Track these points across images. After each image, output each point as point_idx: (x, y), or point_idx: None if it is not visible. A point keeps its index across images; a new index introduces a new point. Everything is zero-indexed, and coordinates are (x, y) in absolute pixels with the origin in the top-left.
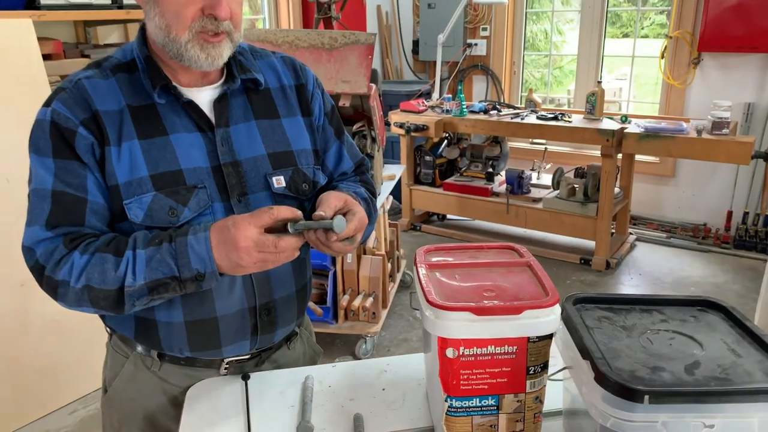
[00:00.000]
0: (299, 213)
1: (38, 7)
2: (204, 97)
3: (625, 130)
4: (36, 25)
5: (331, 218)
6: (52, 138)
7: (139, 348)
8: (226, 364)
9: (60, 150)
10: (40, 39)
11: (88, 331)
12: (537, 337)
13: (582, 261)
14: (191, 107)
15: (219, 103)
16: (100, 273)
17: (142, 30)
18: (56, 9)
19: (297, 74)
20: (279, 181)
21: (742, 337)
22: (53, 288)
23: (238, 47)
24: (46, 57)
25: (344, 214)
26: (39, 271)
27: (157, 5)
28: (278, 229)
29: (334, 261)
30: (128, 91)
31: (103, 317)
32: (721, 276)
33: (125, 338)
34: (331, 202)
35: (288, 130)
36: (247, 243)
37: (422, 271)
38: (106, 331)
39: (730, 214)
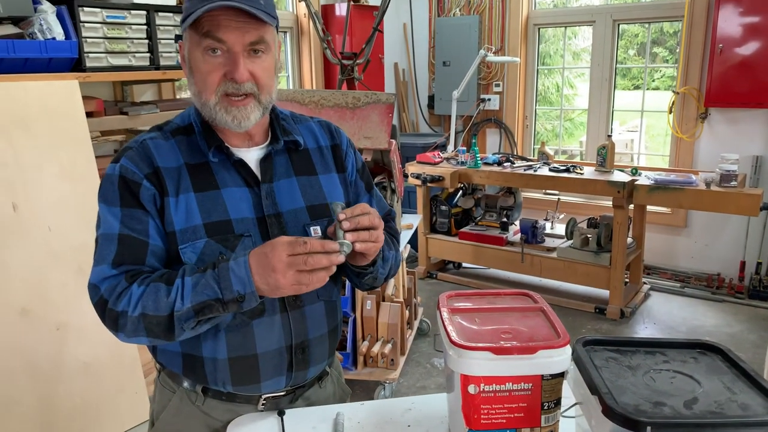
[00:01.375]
0: (331, 245)
1: (84, 70)
2: (252, 156)
3: (636, 182)
4: (80, 85)
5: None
6: (120, 189)
7: (186, 383)
8: (264, 400)
9: (127, 200)
10: (83, 98)
11: (115, 375)
12: (550, 375)
13: (597, 310)
14: (241, 165)
15: (264, 161)
16: (154, 300)
17: None
18: (100, 71)
19: (332, 136)
20: (316, 231)
21: (738, 377)
22: (114, 320)
23: (281, 113)
24: (88, 114)
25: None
26: (102, 305)
27: (193, 75)
28: None
29: (354, 308)
30: (186, 150)
31: (154, 354)
32: (736, 326)
33: (173, 374)
34: (365, 206)
35: (324, 185)
36: (282, 265)
37: (445, 314)
38: (156, 367)
39: (743, 264)
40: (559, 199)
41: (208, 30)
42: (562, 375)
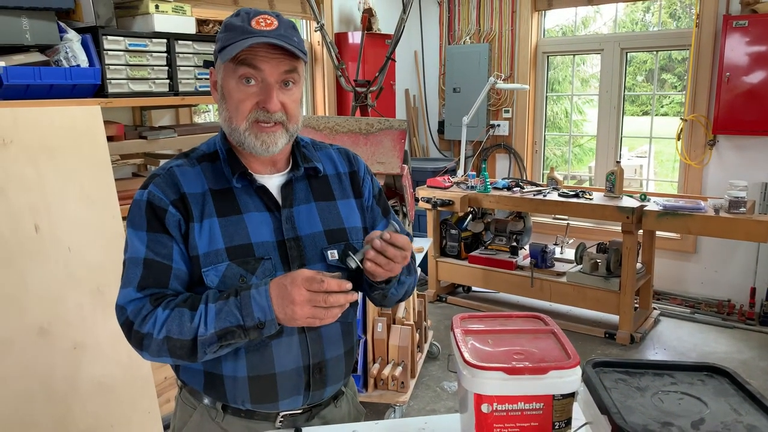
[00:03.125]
0: (346, 285)
1: (106, 95)
2: (273, 182)
3: (645, 208)
4: (102, 110)
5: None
6: (147, 215)
7: (206, 400)
8: (281, 417)
9: (153, 225)
10: (104, 122)
11: (129, 394)
12: (561, 395)
13: (606, 335)
14: (263, 191)
15: (285, 187)
16: (178, 325)
17: None
18: (121, 96)
19: (350, 162)
20: (333, 254)
21: (744, 399)
22: (139, 341)
23: (302, 141)
24: (109, 138)
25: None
26: (129, 326)
27: (225, 101)
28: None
29: (365, 330)
30: (211, 176)
31: (176, 371)
32: (746, 352)
33: (194, 391)
34: (376, 232)
35: (342, 211)
36: (302, 299)
37: (459, 335)
38: (177, 384)
39: (753, 290)
40: (568, 224)
41: (245, 58)
42: (572, 395)
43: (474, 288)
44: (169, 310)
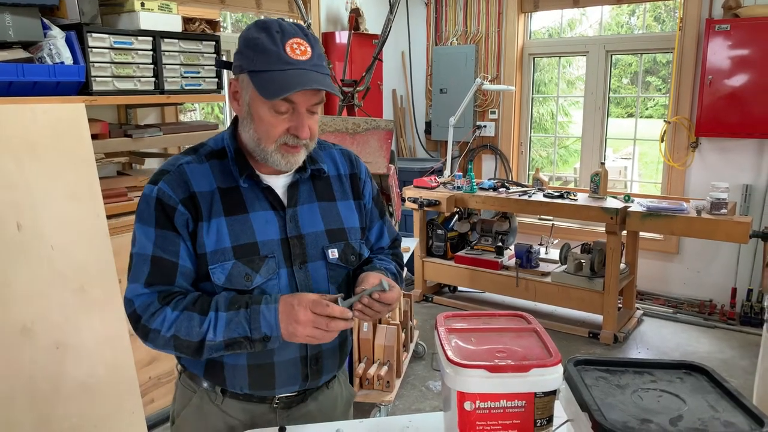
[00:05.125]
0: (347, 314)
1: (90, 93)
2: (279, 182)
3: (629, 209)
4: (86, 108)
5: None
6: (156, 211)
7: (205, 384)
8: (277, 399)
9: (161, 222)
10: (89, 120)
11: (113, 395)
12: (543, 392)
13: (590, 335)
14: (269, 191)
15: (291, 188)
16: (187, 327)
17: (234, 125)
18: (106, 94)
19: (352, 165)
20: (333, 253)
21: (722, 397)
22: (146, 333)
23: None
24: (93, 136)
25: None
26: (136, 319)
27: (253, 121)
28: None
29: (350, 330)
30: (219, 174)
31: (178, 357)
32: (728, 352)
33: (194, 376)
34: (370, 280)
35: (342, 211)
36: (306, 319)
37: (443, 334)
38: (177, 369)
39: (734, 290)
40: (553, 224)
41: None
42: (554, 393)
43: (460, 288)
44: (178, 312)
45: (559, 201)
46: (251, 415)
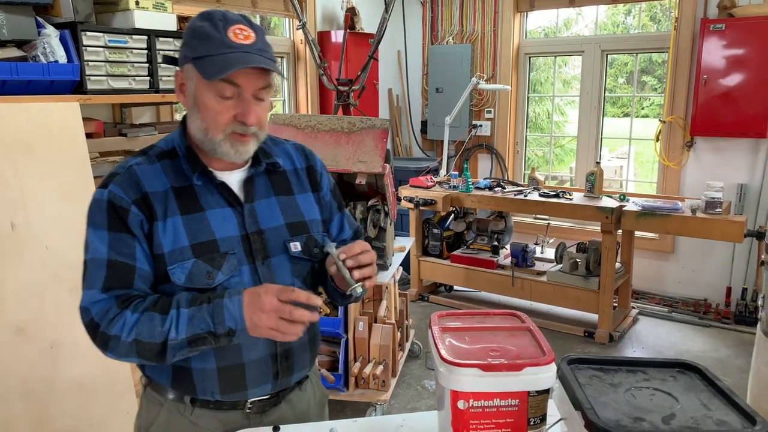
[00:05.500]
0: (315, 300)
1: (85, 92)
2: (234, 178)
3: (624, 208)
4: (81, 107)
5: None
6: (108, 214)
7: (172, 395)
8: (250, 404)
9: (114, 224)
10: (84, 119)
11: (108, 395)
12: (536, 391)
13: (586, 334)
14: (223, 187)
15: (246, 183)
16: (149, 329)
17: (183, 124)
18: (100, 93)
19: (307, 158)
20: (296, 246)
21: (714, 395)
22: (105, 341)
23: None
24: (88, 135)
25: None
26: (94, 327)
27: (199, 111)
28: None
29: (346, 329)
30: (171, 174)
31: (142, 368)
32: (723, 350)
33: (160, 387)
34: (361, 243)
35: (301, 204)
36: (270, 307)
37: (436, 333)
38: (142, 382)
39: (729, 290)
40: (548, 223)
41: (226, 76)
42: (547, 392)
43: (456, 287)
44: (138, 314)
45: (555, 200)
46: (223, 423)
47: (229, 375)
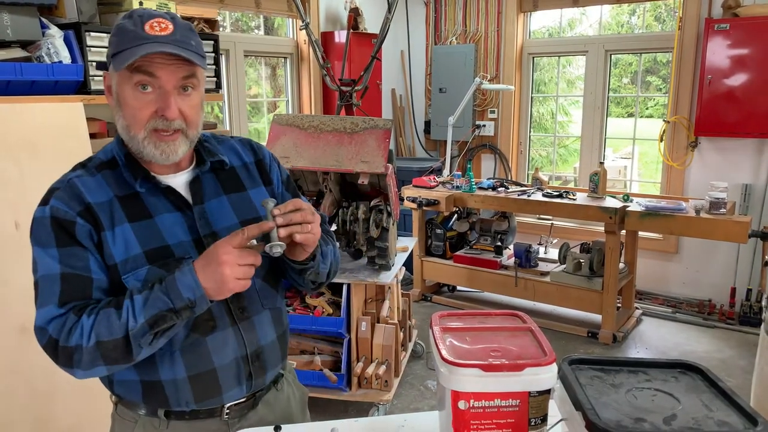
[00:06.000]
0: (267, 225)
1: (88, 92)
2: (179, 181)
3: (627, 209)
4: (85, 107)
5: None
6: (54, 230)
7: (144, 410)
8: (227, 409)
9: (62, 239)
10: (87, 119)
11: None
12: (537, 391)
13: (589, 334)
14: (169, 191)
15: (193, 184)
16: (107, 326)
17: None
18: (104, 94)
19: (255, 152)
20: (252, 244)
21: (716, 396)
22: (69, 356)
23: (203, 136)
24: (92, 135)
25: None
26: (53, 346)
27: (121, 108)
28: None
29: (349, 329)
30: (114, 184)
31: (110, 387)
32: (726, 351)
33: (130, 404)
34: (298, 201)
35: (254, 199)
36: (228, 257)
37: (437, 333)
38: (112, 400)
39: (733, 290)
40: (552, 224)
41: (140, 65)
42: (548, 392)
43: (459, 287)
44: (94, 315)
45: (558, 200)
46: None
47: (201, 382)
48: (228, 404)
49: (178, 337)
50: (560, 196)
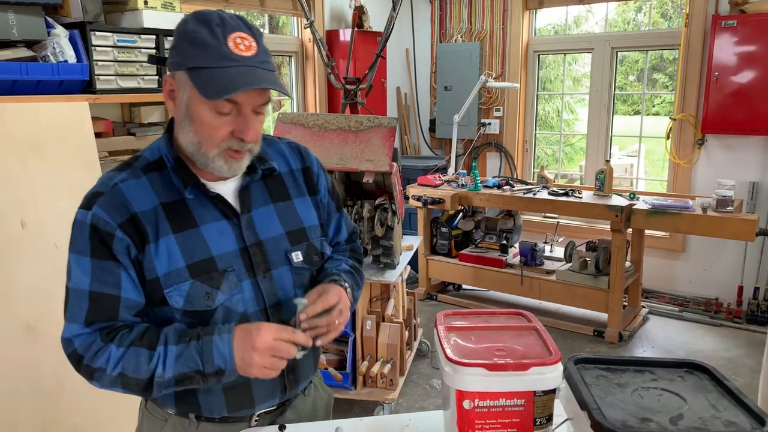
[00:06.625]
0: (309, 342)
1: (94, 91)
2: (228, 188)
3: (634, 207)
4: (90, 106)
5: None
6: (91, 240)
7: (173, 411)
8: (257, 417)
9: (98, 250)
10: (93, 119)
11: (118, 393)
12: (542, 391)
13: (595, 333)
14: (218, 199)
15: (242, 192)
16: (135, 365)
17: (169, 131)
18: (109, 93)
19: (302, 158)
20: (298, 256)
21: (723, 395)
22: (90, 373)
23: None
24: (97, 135)
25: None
26: (77, 359)
27: (192, 123)
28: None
29: (354, 328)
30: (159, 188)
31: None
32: (734, 350)
33: (162, 404)
34: (329, 299)
35: (299, 210)
36: (264, 346)
37: (442, 332)
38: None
39: (740, 289)
40: (558, 222)
41: None
42: (553, 391)
43: (464, 286)
44: (124, 348)
45: (564, 199)
46: None
47: (235, 393)
48: (258, 412)
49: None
50: (566, 194)
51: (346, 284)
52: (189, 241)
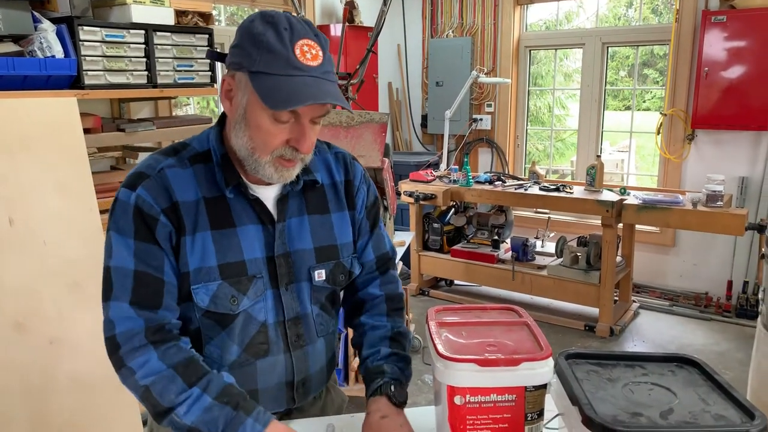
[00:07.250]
0: None
1: (82, 87)
2: (268, 194)
3: (624, 202)
4: (78, 102)
5: None
6: (135, 221)
7: None
8: None
9: (141, 233)
10: (81, 114)
11: (107, 390)
12: (533, 386)
13: (586, 327)
14: (257, 203)
15: (280, 201)
16: (163, 388)
17: (220, 125)
18: (98, 88)
19: (347, 170)
20: (320, 275)
21: (713, 390)
22: (120, 366)
23: None
24: (86, 131)
25: None
26: (115, 346)
27: (248, 128)
28: None
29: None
30: (204, 182)
31: None
32: (723, 344)
33: None
34: None
35: (336, 225)
36: None
37: (433, 328)
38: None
39: (730, 283)
40: (549, 217)
41: None
42: (544, 387)
43: (456, 281)
44: (165, 366)
45: (555, 194)
46: None
47: None
48: None
49: (230, 356)
50: (557, 189)
51: (392, 388)
52: (224, 240)
